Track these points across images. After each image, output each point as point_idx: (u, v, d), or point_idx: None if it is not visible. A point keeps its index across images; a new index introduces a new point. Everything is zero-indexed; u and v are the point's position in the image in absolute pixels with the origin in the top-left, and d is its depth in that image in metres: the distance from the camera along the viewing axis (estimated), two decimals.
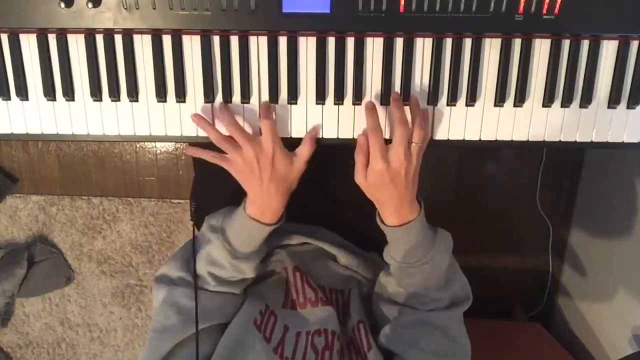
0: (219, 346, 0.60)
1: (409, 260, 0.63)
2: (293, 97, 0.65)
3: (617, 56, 0.64)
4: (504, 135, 0.66)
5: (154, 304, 0.67)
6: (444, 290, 0.64)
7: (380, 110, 0.64)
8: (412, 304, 0.64)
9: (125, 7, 0.61)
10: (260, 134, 0.62)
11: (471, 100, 0.65)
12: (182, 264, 0.67)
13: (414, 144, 0.60)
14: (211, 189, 0.92)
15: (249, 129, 0.65)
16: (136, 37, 0.63)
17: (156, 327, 0.64)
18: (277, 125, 0.66)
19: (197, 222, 0.96)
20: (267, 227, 0.65)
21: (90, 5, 0.60)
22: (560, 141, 0.66)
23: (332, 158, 0.89)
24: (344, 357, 0.62)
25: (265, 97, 0.65)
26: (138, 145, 1.59)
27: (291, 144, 0.66)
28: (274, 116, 0.65)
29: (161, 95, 0.65)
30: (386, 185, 0.60)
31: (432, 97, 0.65)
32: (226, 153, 0.63)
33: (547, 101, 0.65)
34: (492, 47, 0.64)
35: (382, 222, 0.64)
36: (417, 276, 0.63)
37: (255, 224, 0.64)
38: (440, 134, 0.66)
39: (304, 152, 0.64)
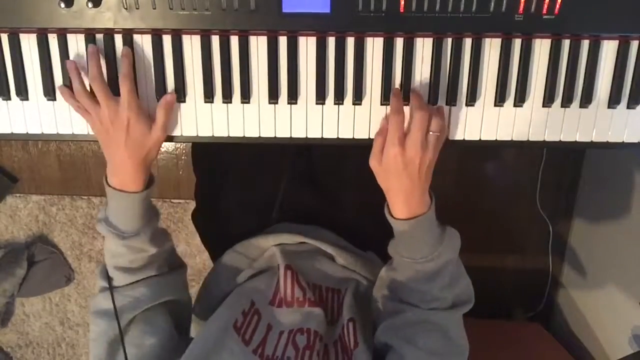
0: (192, 346, 0.60)
1: (414, 256, 0.62)
2: (293, 97, 0.65)
3: (617, 56, 0.64)
4: (504, 135, 0.66)
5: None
6: (447, 290, 0.63)
7: (382, 111, 0.64)
8: (413, 302, 0.64)
9: (125, 7, 0.61)
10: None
11: (471, 100, 0.65)
12: (100, 274, 0.67)
13: (431, 133, 0.59)
14: (213, 189, 0.92)
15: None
16: (136, 37, 0.63)
17: (91, 339, 0.65)
18: (278, 126, 0.66)
19: (198, 223, 0.96)
20: (135, 195, 0.62)
21: (90, 5, 0.60)
22: (560, 141, 0.66)
23: (331, 158, 0.89)
24: (327, 358, 0.62)
25: (265, 97, 0.65)
26: None
27: (293, 145, 0.66)
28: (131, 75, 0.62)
29: (161, 95, 0.65)
30: (399, 172, 0.59)
31: (432, 97, 0.64)
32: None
33: (547, 101, 0.65)
34: (492, 47, 0.64)
35: (391, 214, 0.63)
36: (421, 273, 0.62)
37: (123, 195, 0.62)
38: None
39: (160, 118, 0.62)
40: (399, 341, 0.61)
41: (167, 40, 0.63)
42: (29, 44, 0.64)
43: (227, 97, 0.65)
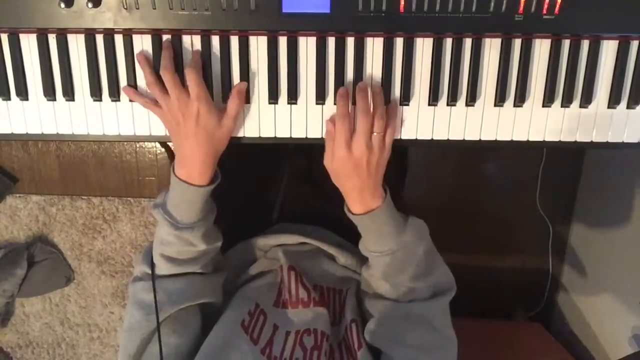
0: (203, 346, 0.60)
1: (381, 248, 0.63)
2: (293, 97, 0.65)
3: (617, 56, 0.64)
4: (504, 135, 0.66)
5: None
6: (423, 279, 0.63)
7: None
8: (392, 296, 0.64)
9: (125, 7, 0.61)
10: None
11: (471, 100, 0.65)
12: (143, 257, 0.66)
13: (375, 133, 0.60)
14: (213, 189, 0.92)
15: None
16: (136, 37, 0.63)
17: (125, 327, 0.64)
18: (278, 126, 0.66)
19: None
20: (199, 189, 0.62)
21: (90, 5, 0.60)
22: (560, 141, 0.66)
23: None
24: (333, 358, 0.62)
25: (265, 97, 0.65)
26: (138, 145, 1.59)
27: (291, 145, 0.66)
28: (200, 65, 0.62)
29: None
30: (349, 172, 0.60)
31: (432, 97, 0.65)
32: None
33: (547, 101, 0.65)
34: (492, 47, 0.64)
35: (350, 211, 0.64)
36: (392, 266, 0.63)
37: (187, 187, 0.62)
38: (440, 134, 0.66)
39: (231, 108, 0.62)
40: (386, 342, 0.61)
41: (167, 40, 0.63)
42: (29, 44, 0.64)
43: (227, 98, 0.65)
